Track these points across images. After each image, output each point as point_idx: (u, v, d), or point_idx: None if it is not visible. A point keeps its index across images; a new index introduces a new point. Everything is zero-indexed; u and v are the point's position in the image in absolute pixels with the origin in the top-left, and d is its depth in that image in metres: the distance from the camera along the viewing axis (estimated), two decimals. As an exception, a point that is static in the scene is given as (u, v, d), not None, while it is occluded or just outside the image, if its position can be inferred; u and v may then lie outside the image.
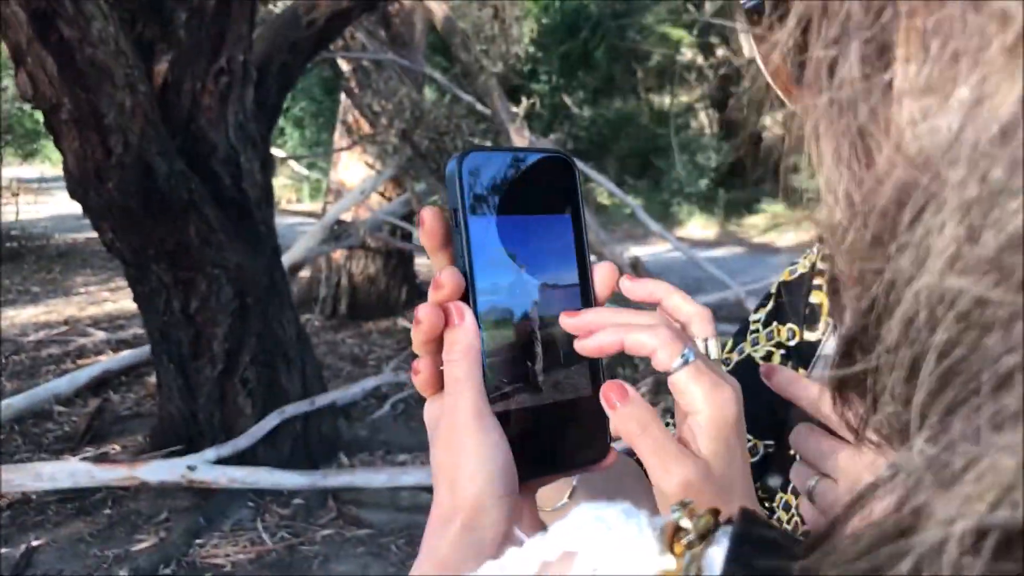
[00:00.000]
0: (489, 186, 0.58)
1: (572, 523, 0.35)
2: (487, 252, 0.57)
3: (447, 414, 0.54)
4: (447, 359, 0.55)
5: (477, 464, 0.51)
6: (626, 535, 0.33)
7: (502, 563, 0.37)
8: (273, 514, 3.41)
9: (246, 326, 3.53)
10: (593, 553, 0.33)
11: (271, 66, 3.90)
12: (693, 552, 0.31)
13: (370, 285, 6.93)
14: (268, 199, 3.75)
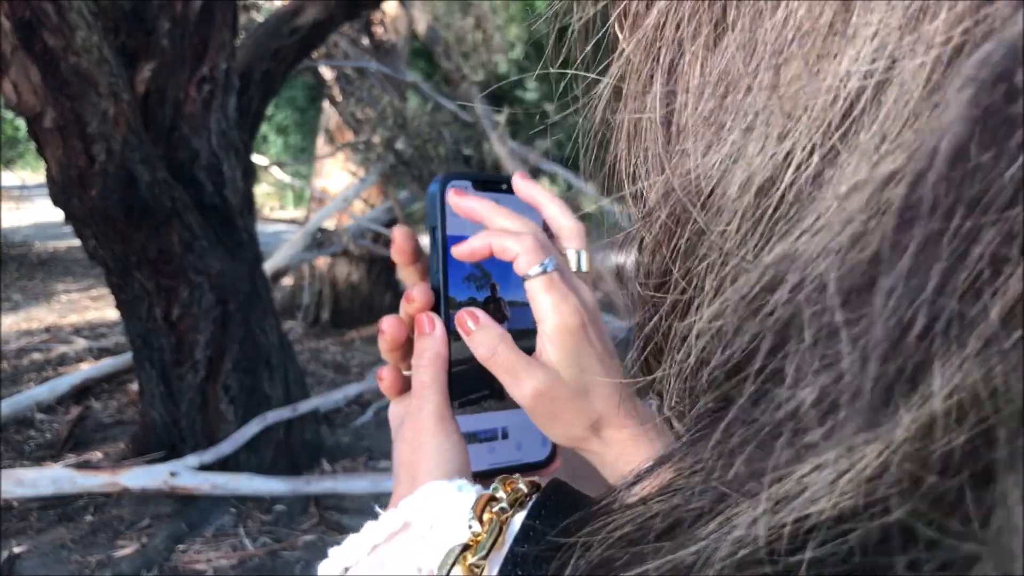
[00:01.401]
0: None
1: (414, 497, 0.44)
2: (461, 269, 0.62)
3: (412, 415, 0.58)
4: (415, 365, 0.60)
5: (436, 462, 0.55)
6: (453, 506, 0.41)
7: (361, 534, 0.46)
8: (255, 520, 3.42)
9: (228, 333, 3.54)
10: (424, 522, 0.41)
11: (254, 74, 3.91)
12: (502, 519, 0.39)
13: (353, 292, 6.93)
14: (250, 206, 3.77)
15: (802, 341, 0.22)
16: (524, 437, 0.65)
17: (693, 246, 0.28)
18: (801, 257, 0.22)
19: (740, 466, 0.24)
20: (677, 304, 0.29)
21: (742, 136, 0.25)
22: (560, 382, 0.56)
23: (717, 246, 0.26)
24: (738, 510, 0.23)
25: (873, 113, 0.21)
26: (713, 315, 0.26)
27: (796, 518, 0.22)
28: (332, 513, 3.51)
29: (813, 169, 0.23)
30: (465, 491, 0.41)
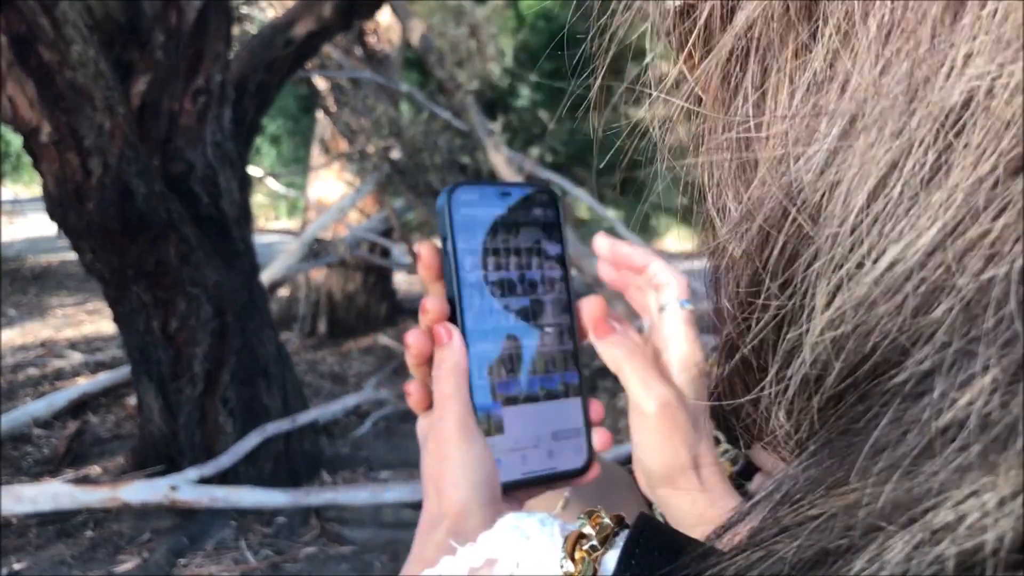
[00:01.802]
0: (476, 217, 0.64)
1: (496, 533, 0.40)
2: (474, 277, 0.63)
3: (435, 427, 0.58)
4: (435, 376, 0.60)
5: (461, 473, 0.55)
6: (539, 543, 0.38)
7: (438, 569, 0.43)
8: (256, 532, 3.41)
9: (226, 345, 3.53)
10: (510, 559, 0.39)
11: (248, 85, 3.91)
12: (593, 557, 0.36)
13: (349, 303, 6.92)
14: (246, 217, 3.76)
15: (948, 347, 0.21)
16: (554, 445, 0.64)
17: (795, 252, 0.27)
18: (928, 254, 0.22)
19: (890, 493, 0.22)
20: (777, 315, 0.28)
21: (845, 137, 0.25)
22: (682, 403, 0.59)
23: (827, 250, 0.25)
24: (890, 543, 0.22)
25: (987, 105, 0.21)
26: (828, 323, 0.25)
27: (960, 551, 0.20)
28: (333, 524, 3.50)
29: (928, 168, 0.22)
30: (547, 525, 0.39)
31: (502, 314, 0.64)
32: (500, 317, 0.63)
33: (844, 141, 0.25)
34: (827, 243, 0.25)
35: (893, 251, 0.23)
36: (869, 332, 0.24)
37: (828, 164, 0.25)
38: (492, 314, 0.63)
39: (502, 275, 0.64)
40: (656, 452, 0.59)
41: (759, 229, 0.28)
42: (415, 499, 3.59)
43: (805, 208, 0.26)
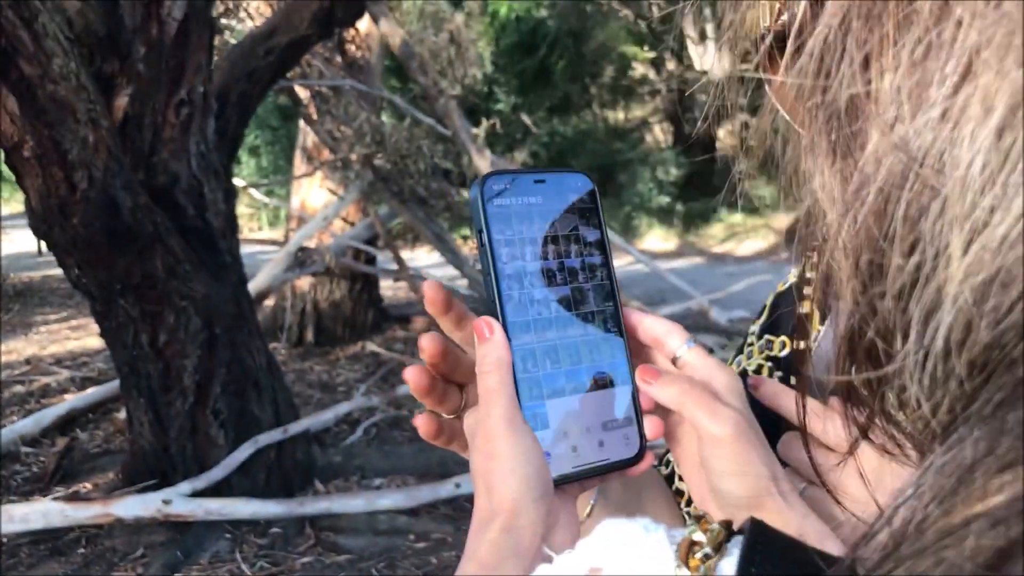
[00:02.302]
0: (510, 206, 0.62)
1: (597, 539, 0.37)
2: (512, 268, 0.61)
3: (481, 423, 0.57)
4: (480, 371, 0.59)
5: (511, 468, 0.54)
6: (647, 550, 0.35)
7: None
8: (251, 544, 3.39)
9: (215, 356, 3.51)
10: (617, 568, 0.35)
11: (230, 96, 3.90)
12: (707, 564, 0.33)
13: (336, 311, 6.90)
14: (232, 228, 3.74)
15: None
16: (604, 435, 0.63)
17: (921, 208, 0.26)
18: None
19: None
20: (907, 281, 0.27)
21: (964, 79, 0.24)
22: (752, 423, 0.59)
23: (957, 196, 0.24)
24: None
25: None
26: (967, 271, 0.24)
27: None
28: (328, 534, 3.48)
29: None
30: (652, 531, 0.36)
31: (543, 304, 0.62)
32: (541, 308, 0.62)
33: (963, 81, 0.24)
34: (956, 189, 0.24)
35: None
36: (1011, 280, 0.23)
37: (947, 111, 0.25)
38: (533, 305, 0.62)
39: (541, 264, 0.62)
40: (739, 477, 0.57)
41: (878, 193, 0.27)
42: (409, 505, 3.58)
43: (927, 162, 0.25)
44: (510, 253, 0.61)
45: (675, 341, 0.63)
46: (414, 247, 7.74)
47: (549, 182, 0.64)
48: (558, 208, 0.64)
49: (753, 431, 0.58)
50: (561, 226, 0.64)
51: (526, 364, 0.60)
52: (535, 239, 0.62)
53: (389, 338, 7.08)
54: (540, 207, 0.63)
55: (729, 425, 0.57)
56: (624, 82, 17.03)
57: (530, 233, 0.62)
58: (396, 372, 6.01)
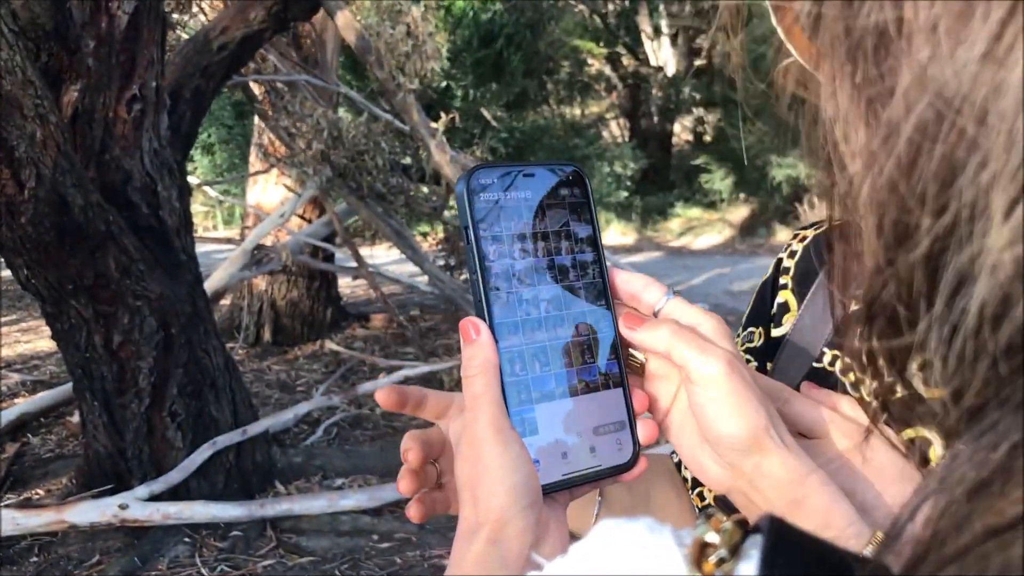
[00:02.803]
0: (498, 201, 0.59)
1: (594, 542, 0.33)
2: (500, 267, 0.59)
3: (467, 429, 0.55)
4: (465, 375, 0.56)
5: (498, 477, 0.52)
6: (652, 553, 0.31)
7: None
8: (211, 548, 3.33)
9: (171, 357, 3.44)
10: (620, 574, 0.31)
11: (184, 92, 3.82)
12: (724, 568, 0.29)
13: (294, 309, 6.83)
14: (187, 226, 3.67)
15: None
16: (596, 440, 0.60)
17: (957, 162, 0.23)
18: None
19: None
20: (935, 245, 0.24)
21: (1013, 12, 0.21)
22: (740, 363, 0.56)
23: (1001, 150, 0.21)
24: None
25: None
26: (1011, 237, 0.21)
27: None
28: (290, 536, 3.43)
29: None
30: (657, 532, 0.32)
31: (532, 304, 0.60)
32: (530, 308, 0.59)
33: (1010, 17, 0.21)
34: (1000, 142, 0.21)
35: None
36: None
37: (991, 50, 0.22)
38: (521, 305, 0.59)
39: (530, 262, 0.60)
40: (736, 416, 0.55)
41: (908, 144, 0.24)
42: (372, 505, 3.54)
43: (966, 110, 0.22)
44: (497, 250, 0.59)
45: (654, 293, 0.62)
46: (373, 244, 7.67)
47: (538, 176, 0.61)
48: (548, 203, 0.61)
49: (746, 371, 0.56)
50: (551, 222, 0.61)
51: (514, 367, 0.58)
52: (524, 235, 0.60)
53: (348, 336, 7.02)
54: (529, 202, 0.61)
55: (722, 362, 0.55)
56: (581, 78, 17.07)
57: (518, 229, 0.60)
58: (356, 371, 5.96)
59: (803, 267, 0.83)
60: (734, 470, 0.57)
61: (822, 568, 0.27)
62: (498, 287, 0.58)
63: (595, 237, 0.63)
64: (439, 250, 6.68)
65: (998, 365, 0.23)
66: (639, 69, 17.88)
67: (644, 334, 0.58)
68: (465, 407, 0.56)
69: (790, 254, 0.85)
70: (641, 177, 16.66)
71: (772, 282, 0.86)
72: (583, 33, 16.65)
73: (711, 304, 7.61)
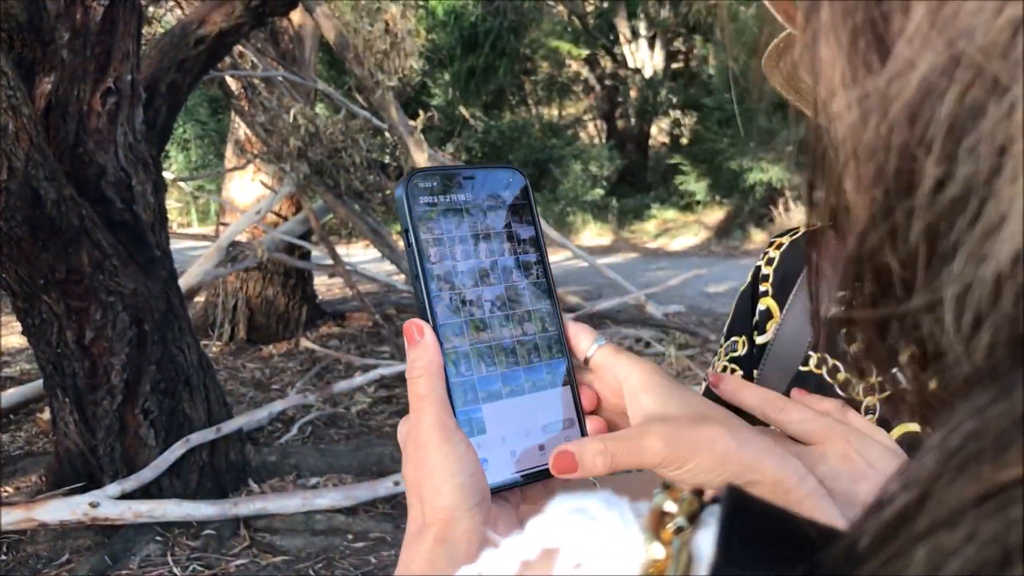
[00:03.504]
0: (439, 204, 0.60)
1: (550, 517, 0.32)
2: (442, 269, 0.59)
3: (412, 430, 0.55)
4: (410, 376, 0.56)
5: (444, 477, 0.52)
6: (609, 525, 0.30)
7: (478, 566, 0.35)
8: (183, 547, 3.29)
9: (145, 354, 3.40)
10: (575, 547, 0.30)
11: (159, 86, 3.78)
12: (682, 537, 0.28)
13: (269, 307, 6.79)
14: (162, 222, 3.63)
15: None
16: (545, 439, 0.60)
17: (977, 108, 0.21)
18: None
19: None
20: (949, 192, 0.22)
21: None
22: (672, 420, 0.55)
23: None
24: None
25: None
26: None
27: None
28: (263, 535, 3.40)
29: None
30: (614, 504, 0.31)
31: (476, 305, 0.60)
32: (474, 309, 0.60)
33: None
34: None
35: None
36: None
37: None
38: (465, 306, 0.60)
39: (472, 264, 0.60)
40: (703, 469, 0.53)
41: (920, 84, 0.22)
42: (347, 504, 3.52)
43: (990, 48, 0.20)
44: (439, 253, 0.59)
45: (584, 342, 0.62)
46: (349, 242, 7.64)
47: (479, 178, 0.62)
48: (489, 205, 0.62)
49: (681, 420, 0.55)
50: (493, 223, 0.62)
51: (459, 368, 0.58)
52: (465, 237, 0.60)
53: (324, 335, 6.98)
54: (470, 204, 0.61)
55: (653, 450, 0.53)
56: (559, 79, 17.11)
57: (460, 232, 0.60)
58: (331, 369, 5.93)
59: (782, 273, 0.83)
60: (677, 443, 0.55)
61: (783, 536, 0.26)
62: (441, 289, 0.59)
63: (537, 238, 0.63)
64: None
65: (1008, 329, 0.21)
66: (617, 71, 17.94)
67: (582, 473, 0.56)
68: (410, 409, 0.56)
69: (767, 261, 0.86)
70: (618, 178, 16.71)
71: (752, 290, 0.87)
72: (562, 34, 16.69)
73: (687, 305, 7.63)
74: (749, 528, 0.27)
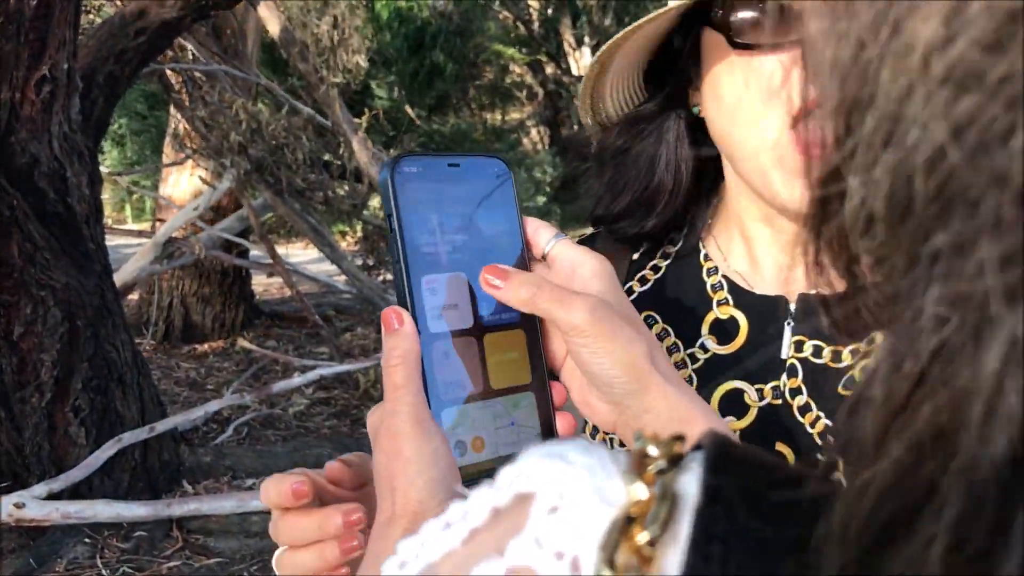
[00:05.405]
0: (423, 190, 0.59)
1: (523, 465, 0.31)
2: (423, 254, 0.58)
3: (386, 420, 0.53)
4: (385, 365, 0.55)
5: (416, 470, 0.51)
6: (587, 468, 0.29)
7: (445, 517, 0.33)
8: (113, 549, 3.21)
9: (76, 350, 3.31)
10: (551, 491, 0.29)
11: (97, 76, 3.69)
12: (666, 479, 0.28)
13: (205, 306, 6.68)
14: (97, 215, 3.54)
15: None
16: (517, 433, 0.60)
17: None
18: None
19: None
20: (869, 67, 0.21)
21: None
22: (609, 304, 0.57)
23: None
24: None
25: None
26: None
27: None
28: (197, 536, 3.34)
29: None
30: (592, 451, 0.30)
31: (458, 289, 0.60)
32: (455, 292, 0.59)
33: None
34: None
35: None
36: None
37: None
38: (446, 290, 0.59)
39: (455, 252, 0.60)
40: (611, 357, 0.55)
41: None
42: (284, 506, 3.47)
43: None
44: (422, 240, 0.58)
45: (543, 237, 0.63)
46: (289, 241, 7.56)
47: (464, 166, 0.61)
48: (473, 193, 0.61)
49: (614, 311, 0.57)
50: (476, 212, 0.61)
51: (437, 357, 0.57)
52: (448, 225, 0.59)
53: (261, 334, 6.89)
54: (454, 192, 0.60)
55: (583, 310, 0.55)
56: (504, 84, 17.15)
57: (443, 219, 0.59)
58: (268, 370, 5.85)
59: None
60: (620, 407, 0.58)
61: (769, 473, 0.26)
62: (420, 277, 0.58)
63: (519, 228, 0.63)
64: (358, 249, 6.60)
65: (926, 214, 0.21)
66: (561, 77, 18.02)
67: (506, 293, 0.58)
68: (384, 397, 0.55)
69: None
70: (560, 185, 16.79)
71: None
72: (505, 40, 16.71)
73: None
74: (734, 468, 0.27)
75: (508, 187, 0.63)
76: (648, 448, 0.29)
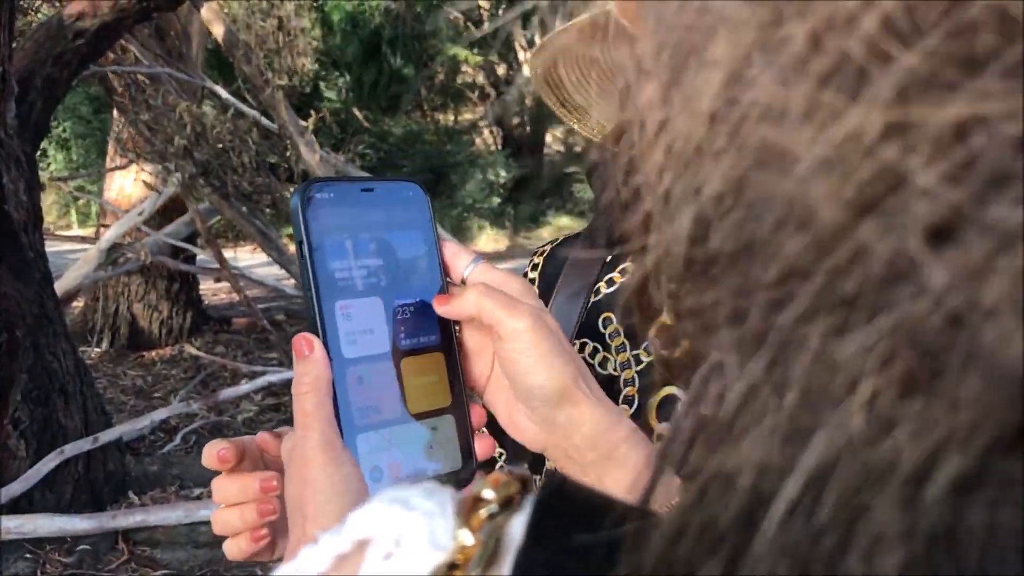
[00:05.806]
0: (335, 216, 0.58)
1: (368, 509, 0.32)
2: (335, 280, 0.57)
3: (297, 447, 0.53)
4: (296, 392, 0.55)
5: (328, 497, 0.50)
6: (425, 513, 0.30)
7: (296, 564, 0.34)
8: (55, 564, 3.14)
9: (16, 361, 3.23)
10: (387, 537, 0.30)
11: (35, 79, 3.61)
12: (495, 522, 0.28)
13: (151, 312, 6.57)
14: (36, 222, 3.47)
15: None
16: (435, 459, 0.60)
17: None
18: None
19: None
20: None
21: None
22: (548, 317, 0.59)
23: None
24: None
25: None
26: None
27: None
28: (143, 548, 3.28)
29: None
30: (435, 494, 0.31)
31: (370, 315, 0.59)
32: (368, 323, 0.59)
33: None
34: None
35: None
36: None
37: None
38: (358, 315, 0.59)
39: (368, 278, 0.59)
40: (544, 367, 0.57)
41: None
42: (233, 515, 3.42)
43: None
44: (333, 266, 0.58)
45: (462, 261, 0.63)
46: (236, 245, 7.46)
47: (378, 191, 0.61)
48: (387, 219, 0.61)
49: (554, 326, 0.59)
50: (391, 237, 0.61)
51: (349, 384, 0.57)
52: (362, 251, 0.59)
53: (209, 341, 6.79)
54: (368, 217, 0.60)
55: (528, 317, 0.57)
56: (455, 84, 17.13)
57: (356, 245, 0.59)
58: (216, 376, 5.77)
59: (547, 277, 0.91)
60: (547, 425, 0.59)
61: (593, 515, 0.26)
62: (333, 303, 0.57)
63: (436, 252, 0.63)
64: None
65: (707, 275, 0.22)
66: (513, 78, 18.04)
67: (452, 307, 0.60)
68: (295, 425, 0.54)
69: (533, 267, 0.94)
70: (514, 185, 16.81)
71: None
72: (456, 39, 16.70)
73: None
74: (561, 510, 0.27)
75: (424, 211, 0.63)
76: (484, 492, 0.29)
